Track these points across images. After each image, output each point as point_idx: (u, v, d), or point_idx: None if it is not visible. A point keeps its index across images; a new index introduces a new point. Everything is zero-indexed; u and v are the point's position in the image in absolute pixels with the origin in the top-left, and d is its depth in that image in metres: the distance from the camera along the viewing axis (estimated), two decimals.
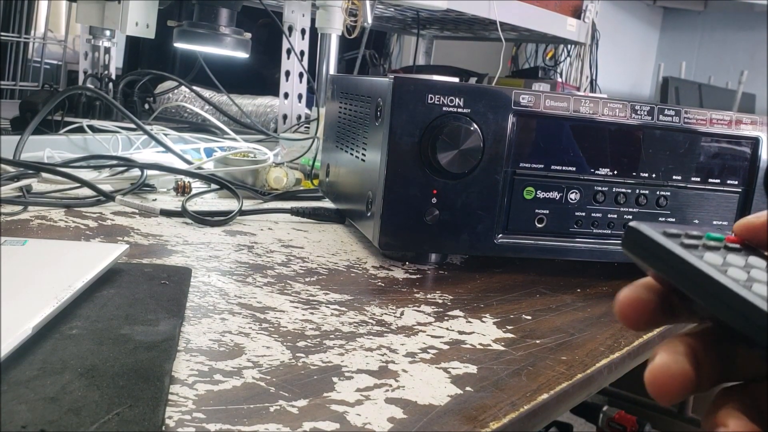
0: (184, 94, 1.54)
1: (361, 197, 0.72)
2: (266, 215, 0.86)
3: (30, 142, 1.00)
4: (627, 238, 0.33)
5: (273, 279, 0.61)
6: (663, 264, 0.32)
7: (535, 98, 0.67)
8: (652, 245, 0.32)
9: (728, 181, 0.73)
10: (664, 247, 0.32)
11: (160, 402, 0.36)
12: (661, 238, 0.32)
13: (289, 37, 1.45)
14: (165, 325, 0.46)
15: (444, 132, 0.64)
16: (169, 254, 0.65)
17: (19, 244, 0.56)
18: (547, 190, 0.69)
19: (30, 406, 0.34)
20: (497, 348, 0.51)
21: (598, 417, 1.73)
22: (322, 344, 0.48)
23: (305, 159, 1.13)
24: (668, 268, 0.31)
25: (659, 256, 0.32)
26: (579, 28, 2.11)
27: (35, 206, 0.79)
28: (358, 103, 0.77)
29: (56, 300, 0.44)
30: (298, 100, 1.47)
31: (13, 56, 1.97)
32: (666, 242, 0.32)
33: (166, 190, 0.95)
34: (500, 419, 0.40)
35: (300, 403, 0.39)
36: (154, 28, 1.31)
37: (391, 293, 0.61)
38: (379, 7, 1.64)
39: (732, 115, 0.72)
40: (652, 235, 0.32)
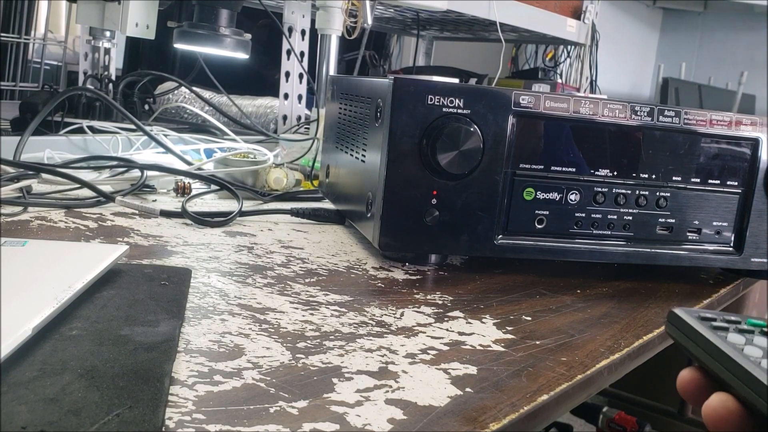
0: (184, 95, 1.54)
1: (361, 198, 0.72)
2: (266, 216, 0.86)
3: (30, 143, 1.00)
4: (668, 322, 0.38)
5: (273, 280, 0.61)
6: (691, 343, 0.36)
7: (535, 99, 0.67)
8: (685, 327, 0.37)
9: (728, 182, 0.73)
10: (692, 327, 0.36)
11: (160, 403, 0.36)
12: (693, 320, 0.37)
13: (289, 38, 1.45)
14: (165, 326, 0.46)
15: (444, 133, 0.64)
16: (169, 255, 0.65)
17: (19, 245, 0.56)
18: (547, 191, 0.69)
19: (30, 406, 0.34)
20: (497, 349, 0.51)
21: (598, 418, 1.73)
22: (322, 345, 0.48)
23: (305, 160, 1.13)
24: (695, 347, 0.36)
25: (689, 336, 0.36)
26: (579, 28, 2.11)
27: (35, 207, 0.79)
28: (358, 104, 0.77)
29: (56, 301, 0.44)
30: (298, 100, 1.48)
31: (13, 57, 1.97)
32: (695, 323, 0.36)
33: (166, 190, 0.95)
34: (500, 420, 0.40)
35: (300, 404, 0.39)
36: (154, 28, 1.31)
37: (390, 294, 0.61)
38: (379, 8, 1.64)
39: (732, 116, 0.72)
40: (686, 317, 0.37)
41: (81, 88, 1.34)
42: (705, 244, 0.74)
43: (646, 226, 0.72)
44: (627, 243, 0.72)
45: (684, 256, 0.73)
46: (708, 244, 0.74)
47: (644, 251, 0.72)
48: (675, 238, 0.73)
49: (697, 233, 0.74)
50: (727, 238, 0.75)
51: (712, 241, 0.74)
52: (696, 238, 0.74)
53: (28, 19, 1.98)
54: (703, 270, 0.82)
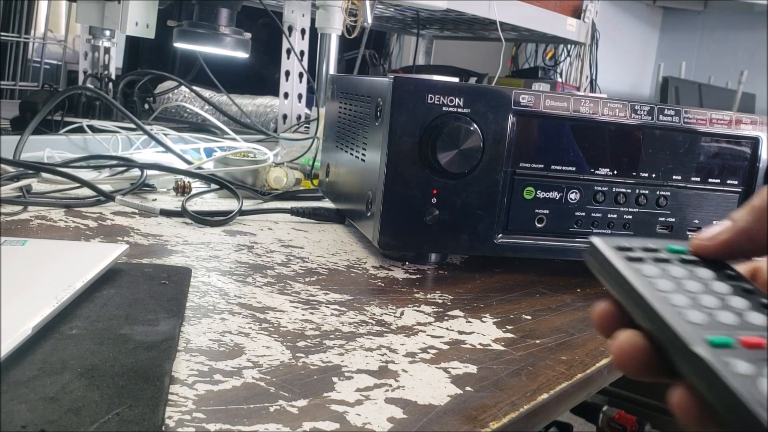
0: (184, 94, 1.54)
1: (361, 197, 0.72)
2: (266, 215, 0.86)
3: (30, 142, 1.00)
4: (587, 252, 0.35)
5: (273, 279, 0.61)
6: (605, 274, 0.33)
7: (535, 98, 0.67)
8: (600, 257, 0.33)
9: (728, 181, 0.73)
10: (606, 258, 0.33)
11: (160, 402, 0.36)
12: (609, 251, 0.33)
13: (289, 37, 1.45)
14: (165, 325, 0.46)
15: (444, 132, 0.64)
16: (169, 254, 0.65)
17: (19, 244, 0.56)
18: (547, 190, 0.69)
19: (30, 405, 0.34)
20: (497, 348, 0.51)
21: (598, 417, 1.73)
22: (322, 344, 0.48)
23: (305, 159, 1.13)
24: (607, 278, 0.33)
25: (603, 267, 0.33)
26: (579, 28, 2.11)
27: (35, 206, 0.79)
28: (358, 103, 0.77)
29: (56, 300, 0.44)
30: (298, 100, 1.47)
31: (13, 56, 1.97)
32: (609, 253, 0.33)
33: (166, 190, 0.95)
34: (500, 419, 0.40)
35: (300, 403, 0.39)
36: (154, 28, 1.31)
37: (391, 293, 0.61)
38: (379, 7, 1.64)
39: (732, 115, 0.72)
40: (602, 248, 0.34)
41: (81, 87, 1.34)
42: None
43: (646, 225, 0.72)
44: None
45: None
46: None
47: None
48: (675, 237, 0.73)
49: (697, 232, 0.74)
50: None
51: None
52: None
53: (28, 19, 1.98)
54: None
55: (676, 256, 0.34)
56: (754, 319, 0.30)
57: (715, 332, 0.28)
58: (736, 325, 0.29)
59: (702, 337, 0.28)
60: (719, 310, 0.30)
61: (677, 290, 0.31)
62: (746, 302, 0.31)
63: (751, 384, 0.26)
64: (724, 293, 0.31)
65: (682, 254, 0.34)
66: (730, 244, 0.32)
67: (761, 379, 0.26)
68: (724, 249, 0.33)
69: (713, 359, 0.27)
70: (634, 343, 0.30)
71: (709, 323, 0.29)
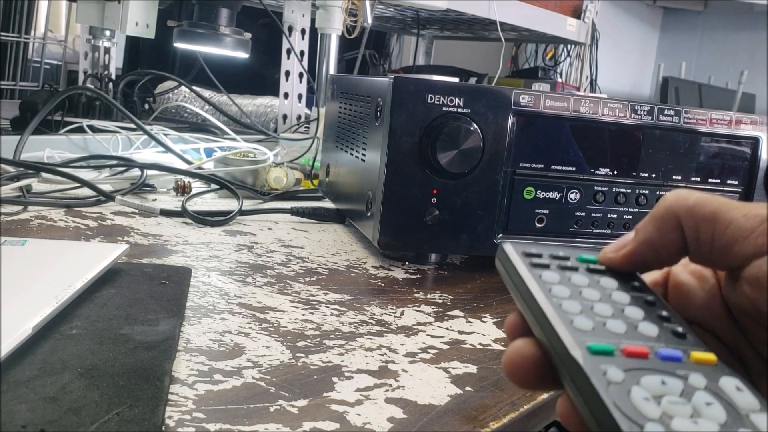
0: (184, 94, 1.54)
1: (361, 197, 0.72)
2: (266, 215, 0.86)
3: (30, 142, 1.00)
4: (497, 257, 0.34)
5: (273, 279, 0.61)
6: (509, 280, 0.32)
7: (535, 98, 0.67)
8: (507, 262, 0.33)
9: (728, 181, 0.73)
10: (512, 263, 0.32)
11: (159, 402, 0.36)
12: (516, 256, 0.33)
13: (289, 37, 1.45)
14: (165, 325, 0.46)
15: (444, 132, 0.64)
16: (169, 254, 0.65)
17: (19, 244, 0.56)
18: (547, 190, 0.69)
19: (30, 405, 0.34)
20: (497, 348, 0.51)
21: None
22: (322, 344, 0.48)
23: (305, 159, 1.13)
24: (511, 285, 0.32)
25: (509, 273, 0.32)
26: (579, 28, 2.11)
27: (35, 206, 0.79)
28: (358, 103, 0.77)
29: (56, 300, 0.44)
30: (298, 100, 1.47)
31: (13, 56, 1.97)
32: (517, 259, 0.32)
33: (166, 190, 0.95)
34: (500, 419, 0.40)
35: (300, 402, 0.39)
36: (154, 28, 1.31)
37: (391, 293, 0.61)
38: (379, 7, 1.64)
39: (732, 115, 0.72)
40: (510, 252, 0.33)
41: (81, 87, 1.34)
42: None
43: None
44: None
45: None
46: None
47: None
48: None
49: None
50: None
51: None
52: None
53: (28, 19, 1.98)
54: None
55: (585, 265, 0.33)
56: (646, 329, 0.29)
57: (600, 340, 0.28)
58: (623, 334, 0.29)
59: (583, 342, 0.27)
60: (611, 319, 0.29)
61: (572, 297, 0.30)
62: (643, 313, 0.30)
63: (622, 393, 0.25)
64: (622, 303, 0.31)
65: (591, 263, 0.33)
66: (634, 255, 0.32)
67: (635, 389, 0.25)
68: (629, 260, 0.32)
69: (587, 364, 0.26)
70: (522, 352, 0.29)
71: (595, 330, 0.28)
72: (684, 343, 0.29)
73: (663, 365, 0.27)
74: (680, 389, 0.26)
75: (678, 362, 0.27)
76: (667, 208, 0.31)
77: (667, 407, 0.25)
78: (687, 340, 0.29)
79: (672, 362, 0.27)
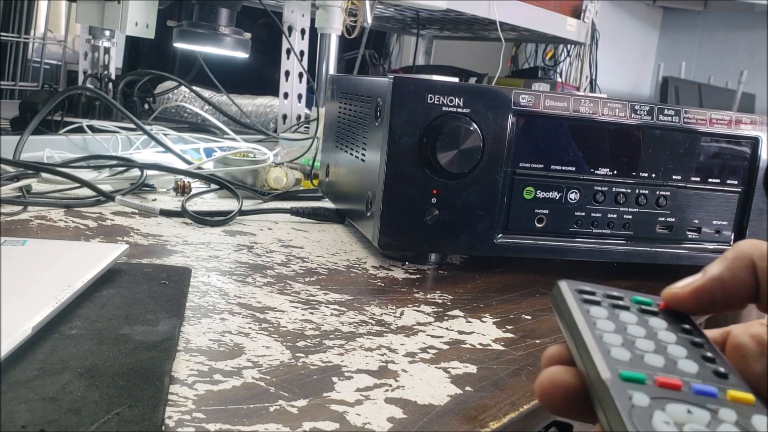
0: (184, 94, 1.54)
1: (361, 197, 0.72)
2: (266, 215, 0.86)
3: (30, 142, 1.00)
4: (552, 294, 0.34)
5: (273, 279, 0.61)
6: (560, 315, 0.33)
7: (535, 98, 0.67)
8: (560, 298, 0.33)
9: (728, 181, 0.73)
10: (564, 298, 0.33)
11: (159, 402, 0.36)
12: (569, 292, 0.33)
13: (288, 37, 1.45)
14: (165, 325, 0.46)
15: (444, 132, 0.64)
16: (168, 254, 0.65)
17: (19, 244, 0.56)
18: (547, 189, 0.69)
19: (30, 406, 0.34)
20: (497, 348, 0.51)
21: None
22: (322, 344, 0.48)
23: (305, 159, 1.13)
24: (561, 318, 0.32)
25: (560, 307, 0.33)
26: (579, 28, 2.11)
27: (35, 206, 0.79)
28: (358, 103, 0.77)
29: (56, 300, 0.44)
30: (297, 100, 1.47)
31: (13, 56, 1.97)
32: (569, 295, 0.33)
33: (165, 190, 0.95)
34: (500, 419, 0.40)
35: (300, 403, 0.39)
36: (153, 28, 1.31)
37: (390, 293, 0.61)
38: (378, 7, 1.64)
39: (732, 115, 0.72)
40: (564, 289, 0.33)
41: (81, 87, 1.34)
42: (705, 242, 0.74)
43: (646, 225, 0.72)
44: (627, 242, 0.72)
45: (684, 255, 0.73)
46: (708, 242, 0.74)
47: (644, 250, 0.72)
48: (675, 237, 0.73)
49: (697, 232, 0.74)
50: (727, 237, 0.75)
51: (712, 240, 0.74)
52: (696, 236, 0.74)
53: (28, 19, 1.98)
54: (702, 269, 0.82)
55: (637, 306, 0.33)
56: (685, 366, 0.29)
57: (634, 369, 0.28)
58: (660, 368, 0.28)
59: (616, 369, 0.27)
60: (651, 353, 0.29)
61: (616, 331, 0.30)
62: (686, 352, 0.30)
63: (644, 417, 0.25)
64: (667, 341, 0.31)
65: (644, 305, 0.33)
66: (701, 291, 0.32)
67: (657, 413, 0.25)
68: (696, 296, 0.32)
69: (615, 388, 0.26)
70: (553, 377, 0.30)
71: (631, 362, 0.28)
72: (723, 383, 0.28)
73: (695, 398, 0.27)
74: (707, 420, 0.25)
75: (712, 398, 0.27)
76: (742, 249, 0.31)
77: None
78: (728, 380, 0.28)
79: (705, 397, 0.27)
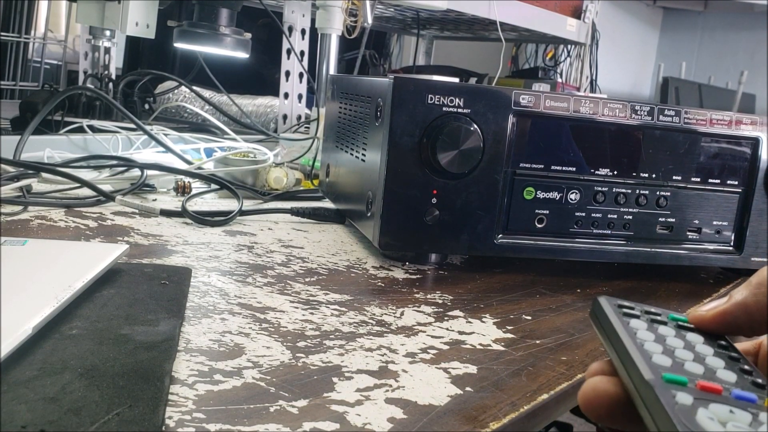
0: (184, 94, 1.54)
1: (361, 197, 0.72)
2: (266, 215, 0.86)
3: (30, 142, 1.00)
4: (591, 311, 0.36)
5: (273, 279, 0.61)
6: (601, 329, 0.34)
7: (535, 98, 0.67)
8: (600, 313, 0.35)
9: (728, 182, 0.73)
10: (604, 312, 0.34)
11: (160, 402, 0.36)
12: (609, 306, 0.35)
13: (289, 38, 1.45)
14: (165, 325, 0.46)
15: (444, 132, 0.64)
16: (169, 254, 0.65)
17: (19, 244, 0.56)
18: (547, 190, 0.69)
19: (30, 406, 0.34)
20: (497, 348, 0.51)
21: None
22: (322, 344, 0.48)
23: (305, 159, 1.13)
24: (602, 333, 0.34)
25: (600, 322, 0.34)
26: (579, 28, 2.11)
27: (35, 206, 0.79)
28: (358, 103, 0.77)
29: (56, 300, 0.44)
30: (298, 100, 1.47)
31: (13, 56, 1.97)
32: (608, 309, 0.34)
33: (166, 190, 0.95)
34: (500, 419, 0.40)
35: (300, 403, 0.39)
36: (154, 28, 1.31)
37: (391, 293, 0.61)
38: (379, 7, 1.64)
39: (732, 116, 0.72)
40: (604, 304, 0.35)
41: (81, 87, 1.34)
42: (705, 243, 0.74)
43: (646, 226, 0.72)
44: (627, 242, 0.72)
45: (684, 255, 0.73)
46: (708, 243, 0.74)
47: (644, 250, 0.72)
48: (675, 238, 0.73)
49: (697, 232, 0.74)
50: (727, 238, 0.75)
51: (712, 241, 0.74)
52: (696, 237, 0.74)
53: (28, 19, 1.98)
54: (703, 269, 0.82)
55: (674, 322, 0.35)
56: (724, 375, 0.30)
57: (675, 373, 0.29)
58: (700, 375, 0.29)
59: (659, 372, 0.29)
60: (690, 362, 0.30)
61: (656, 341, 0.32)
62: (723, 363, 0.31)
63: (689, 413, 0.26)
64: (705, 354, 0.32)
65: (680, 322, 0.35)
66: (725, 315, 0.33)
67: (701, 410, 0.26)
68: (720, 320, 0.33)
69: (659, 388, 0.27)
70: (596, 386, 0.30)
71: (673, 367, 0.29)
72: (762, 392, 0.29)
73: (735, 402, 0.28)
74: (749, 420, 0.26)
75: (752, 403, 0.28)
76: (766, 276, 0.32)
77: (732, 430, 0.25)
78: (766, 390, 0.29)
79: (745, 402, 0.28)
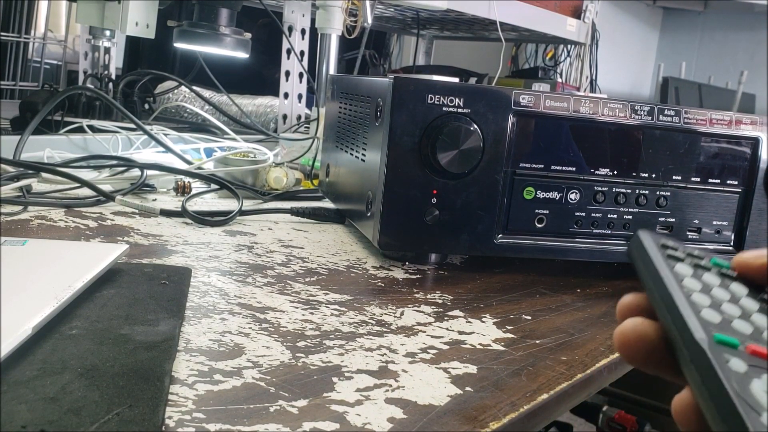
0: (184, 94, 1.54)
1: (361, 197, 0.72)
2: (266, 215, 0.86)
3: (30, 142, 1.00)
4: (630, 243, 0.34)
5: (273, 279, 0.61)
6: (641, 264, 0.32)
7: (535, 98, 0.67)
8: (640, 248, 0.33)
9: (728, 181, 0.73)
10: (646, 251, 0.32)
11: (159, 402, 0.36)
12: (652, 245, 0.33)
13: (289, 37, 1.45)
14: (165, 325, 0.46)
15: (444, 132, 0.64)
16: (169, 254, 0.65)
17: (19, 244, 0.56)
18: (547, 190, 0.69)
19: (30, 406, 0.34)
20: (497, 348, 0.51)
21: (598, 417, 1.73)
22: (322, 344, 0.48)
23: (305, 159, 1.13)
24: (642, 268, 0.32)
25: (642, 259, 0.33)
26: (579, 28, 2.11)
27: (35, 206, 0.79)
28: (358, 103, 0.77)
29: (56, 300, 0.44)
30: (298, 100, 1.47)
31: (13, 56, 1.97)
32: (652, 248, 0.32)
33: (166, 190, 0.95)
34: (500, 419, 0.40)
35: (300, 403, 0.39)
36: (154, 28, 1.31)
37: (391, 293, 0.61)
38: (379, 7, 1.64)
39: (732, 116, 0.72)
40: (645, 241, 0.33)
41: (81, 87, 1.34)
42: (705, 243, 0.74)
43: (646, 226, 0.72)
44: (627, 242, 0.72)
45: None
46: (708, 243, 0.74)
47: None
48: (675, 237, 0.73)
49: (697, 232, 0.74)
50: (727, 237, 0.75)
51: (712, 240, 0.74)
52: (696, 237, 0.74)
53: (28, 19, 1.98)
54: None
55: (717, 268, 0.33)
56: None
57: (726, 333, 0.28)
58: (749, 335, 0.29)
59: (710, 332, 0.28)
60: (738, 319, 0.29)
61: (703, 292, 0.30)
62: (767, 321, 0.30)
63: (743, 383, 0.25)
64: (751, 309, 0.31)
65: (723, 268, 0.33)
66: None
67: (756, 381, 0.25)
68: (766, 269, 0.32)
69: (712, 351, 0.26)
70: (638, 329, 0.30)
71: (721, 325, 0.29)
72: None
73: None
74: None
75: None
76: None
77: None
78: None
79: None
